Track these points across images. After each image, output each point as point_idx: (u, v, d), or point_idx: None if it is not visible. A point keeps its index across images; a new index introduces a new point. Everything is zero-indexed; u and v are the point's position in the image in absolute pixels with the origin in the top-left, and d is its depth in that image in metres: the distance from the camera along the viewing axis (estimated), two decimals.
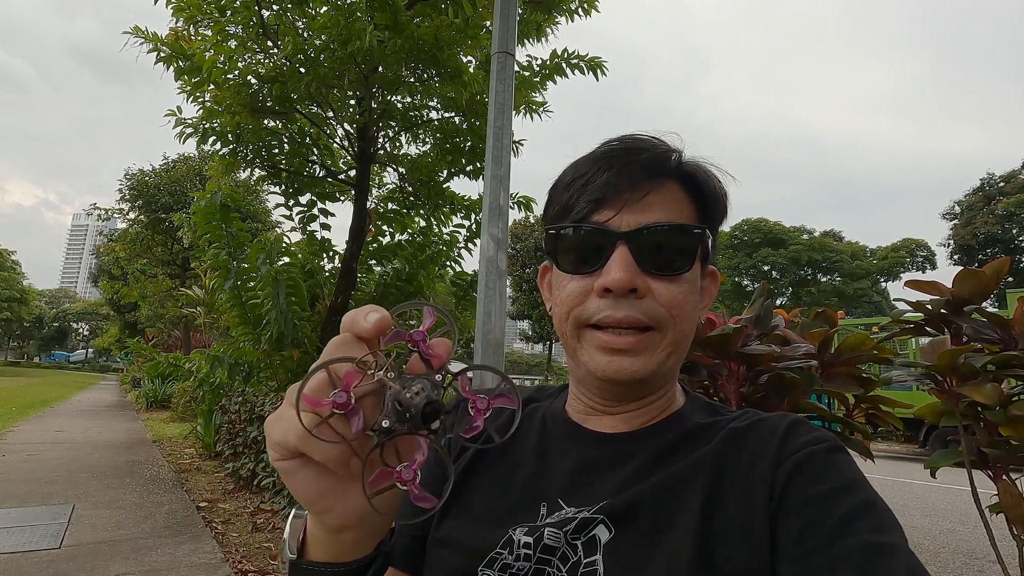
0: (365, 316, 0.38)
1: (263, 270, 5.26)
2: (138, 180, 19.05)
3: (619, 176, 0.58)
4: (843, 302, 31.26)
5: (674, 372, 0.63)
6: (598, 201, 0.58)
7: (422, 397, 0.35)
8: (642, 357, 0.57)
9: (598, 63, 5.41)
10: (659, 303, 0.56)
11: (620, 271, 0.55)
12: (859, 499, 0.48)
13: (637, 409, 0.63)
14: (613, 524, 0.54)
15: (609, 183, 0.58)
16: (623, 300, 0.56)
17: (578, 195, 0.60)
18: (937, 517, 5.98)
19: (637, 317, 0.56)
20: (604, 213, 0.58)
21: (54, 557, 3.44)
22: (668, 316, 0.57)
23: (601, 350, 0.58)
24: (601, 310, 0.57)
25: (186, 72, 5.05)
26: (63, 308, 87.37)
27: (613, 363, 0.57)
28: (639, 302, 0.56)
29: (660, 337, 0.57)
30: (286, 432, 0.38)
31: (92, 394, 21.11)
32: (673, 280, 0.57)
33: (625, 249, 0.56)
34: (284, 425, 0.38)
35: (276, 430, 0.39)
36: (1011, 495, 1.44)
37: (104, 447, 7.89)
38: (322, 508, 0.42)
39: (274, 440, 0.40)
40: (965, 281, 1.47)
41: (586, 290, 0.58)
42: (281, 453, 0.40)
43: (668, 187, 0.59)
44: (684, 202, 0.60)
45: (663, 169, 0.59)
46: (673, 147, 0.61)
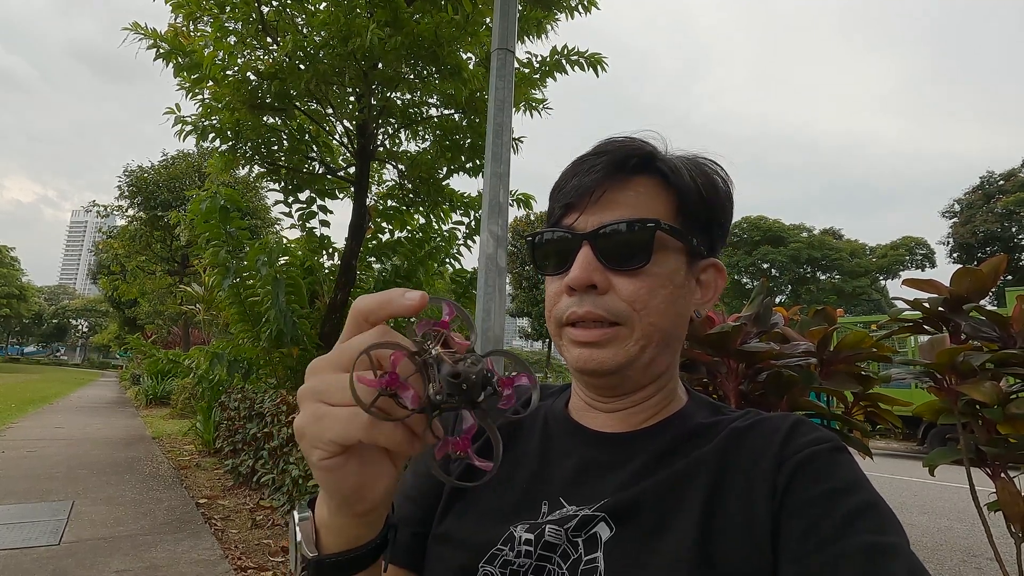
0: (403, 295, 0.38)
1: (263, 271, 5.26)
2: (137, 177, 19.03)
3: (583, 179, 0.61)
4: (842, 300, 31.30)
5: (662, 367, 0.63)
6: (568, 205, 0.62)
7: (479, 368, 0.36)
8: (609, 349, 0.58)
9: (598, 59, 5.40)
10: (621, 298, 0.58)
11: (577, 268, 0.58)
12: (861, 499, 0.48)
13: (632, 407, 0.63)
14: (614, 522, 0.55)
15: (576, 187, 0.61)
16: (585, 296, 0.58)
17: (554, 202, 0.64)
18: (935, 515, 6.00)
19: (596, 312, 0.58)
20: (572, 216, 0.62)
21: (53, 554, 3.45)
22: (630, 310, 0.58)
23: (574, 344, 0.60)
24: (568, 307, 0.60)
25: (185, 68, 5.04)
26: (62, 305, 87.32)
27: (583, 355, 0.59)
28: (600, 298, 0.58)
29: (627, 332, 0.58)
30: (346, 426, 0.36)
31: (91, 391, 21.11)
32: (634, 274, 0.58)
33: (588, 248, 0.59)
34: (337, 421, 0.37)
35: (330, 428, 0.37)
36: (1009, 493, 1.44)
37: (104, 444, 7.90)
38: (359, 496, 0.42)
39: (328, 438, 0.37)
40: (963, 279, 1.47)
41: (560, 290, 0.61)
42: (332, 450, 0.38)
43: (637, 185, 0.61)
44: (658, 198, 0.61)
45: (623, 167, 0.60)
46: (642, 144, 0.62)
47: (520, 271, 28.27)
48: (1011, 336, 1.43)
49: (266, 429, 4.86)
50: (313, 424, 0.38)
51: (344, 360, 0.38)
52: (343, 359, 0.38)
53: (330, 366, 0.38)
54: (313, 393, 0.38)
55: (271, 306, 5.30)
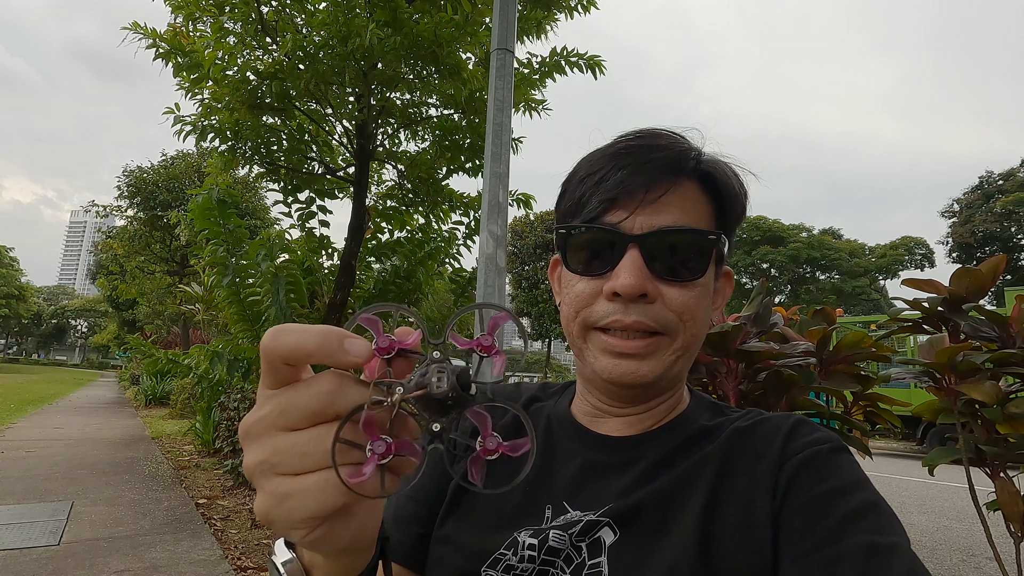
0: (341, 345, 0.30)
1: (263, 266, 5.24)
2: (137, 177, 19.01)
3: (634, 175, 0.55)
4: (842, 300, 31.29)
5: (682, 376, 0.62)
6: (611, 200, 0.56)
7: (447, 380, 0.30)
8: (649, 361, 0.56)
9: (596, 62, 5.40)
10: (669, 308, 0.55)
11: (631, 276, 0.53)
12: (861, 499, 0.48)
13: (644, 412, 0.62)
14: (618, 527, 0.54)
15: (623, 182, 0.55)
16: (633, 305, 0.54)
17: (591, 193, 0.57)
18: (934, 514, 6.00)
19: (646, 323, 0.54)
20: (617, 213, 0.56)
21: (53, 554, 3.44)
22: (678, 321, 0.55)
23: (607, 353, 0.56)
24: (610, 314, 0.55)
25: (185, 69, 5.04)
26: (61, 305, 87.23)
27: (620, 367, 0.56)
28: (649, 307, 0.55)
29: (669, 341, 0.56)
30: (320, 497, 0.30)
31: (91, 391, 21.09)
32: (685, 286, 0.55)
33: (636, 252, 0.54)
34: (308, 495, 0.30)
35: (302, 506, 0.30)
36: (1008, 492, 1.44)
37: (103, 444, 7.89)
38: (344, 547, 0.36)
39: (303, 518, 0.30)
40: (962, 279, 1.47)
41: (595, 292, 0.57)
42: (313, 525, 0.31)
43: (685, 187, 0.57)
44: (701, 202, 0.58)
45: (680, 168, 0.57)
46: (693, 145, 0.59)
47: (520, 271, 28.25)
48: (1010, 336, 1.44)
49: None
50: (279, 507, 0.30)
51: (290, 418, 0.30)
52: (288, 417, 0.30)
53: (272, 428, 0.31)
54: (267, 467, 0.31)
55: (271, 304, 5.29)
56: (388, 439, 0.30)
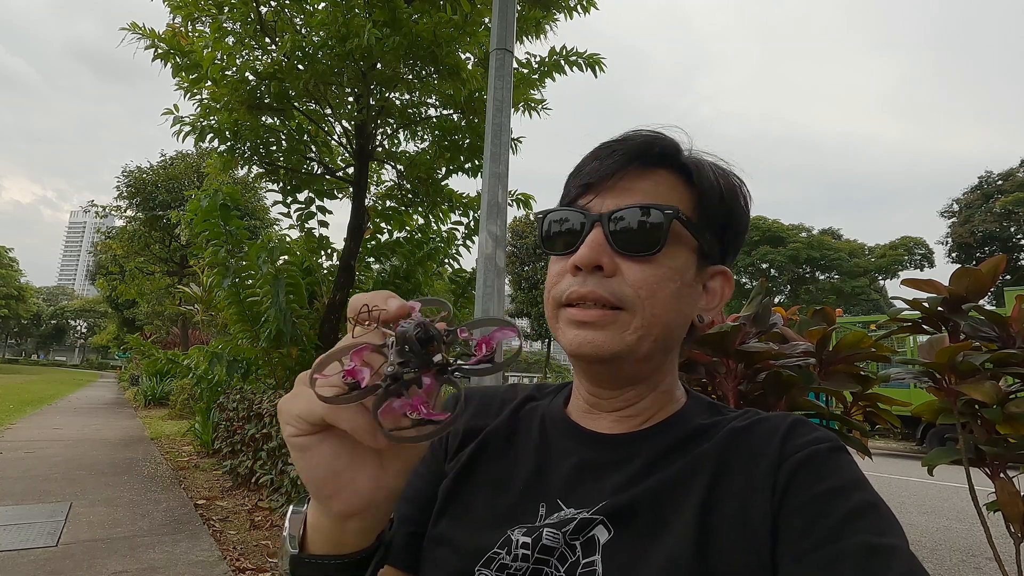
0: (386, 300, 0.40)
1: (264, 269, 5.25)
2: (136, 178, 19.01)
3: (603, 162, 0.60)
4: (841, 300, 31.31)
5: (658, 363, 0.62)
6: (584, 186, 0.61)
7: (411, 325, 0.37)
8: (607, 332, 0.56)
9: (596, 60, 5.40)
10: (627, 283, 0.57)
11: (586, 248, 0.57)
12: (860, 499, 0.48)
13: (629, 406, 0.62)
14: (612, 525, 0.54)
15: (595, 169, 0.60)
16: (590, 277, 0.57)
17: (571, 183, 0.63)
18: (934, 514, 6.00)
19: (601, 293, 0.56)
20: (587, 197, 0.61)
21: (51, 555, 3.44)
22: (635, 296, 0.56)
23: (571, 324, 0.58)
24: (570, 286, 0.58)
25: (184, 69, 5.04)
26: (61, 305, 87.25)
27: (579, 336, 0.57)
28: (606, 280, 0.57)
29: (628, 317, 0.56)
30: (309, 403, 0.39)
31: (90, 392, 21.09)
32: (645, 261, 0.57)
33: (599, 230, 0.57)
34: (304, 398, 0.39)
35: (298, 403, 0.40)
36: (1008, 493, 1.44)
37: (102, 445, 7.88)
38: (331, 491, 0.42)
39: (295, 413, 0.40)
40: (962, 279, 1.47)
41: (563, 270, 0.60)
42: (300, 427, 0.40)
43: (658, 176, 0.60)
44: (678, 193, 0.60)
45: (645, 156, 0.60)
46: (665, 138, 0.61)
47: (519, 271, 28.26)
48: (1010, 336, 1.43)
49: (265, 430, 4.85)
50: (288, 401, 0.41)
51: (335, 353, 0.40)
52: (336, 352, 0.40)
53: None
54: (301, 379, 0.41)
55: (271, 305, 5.29)
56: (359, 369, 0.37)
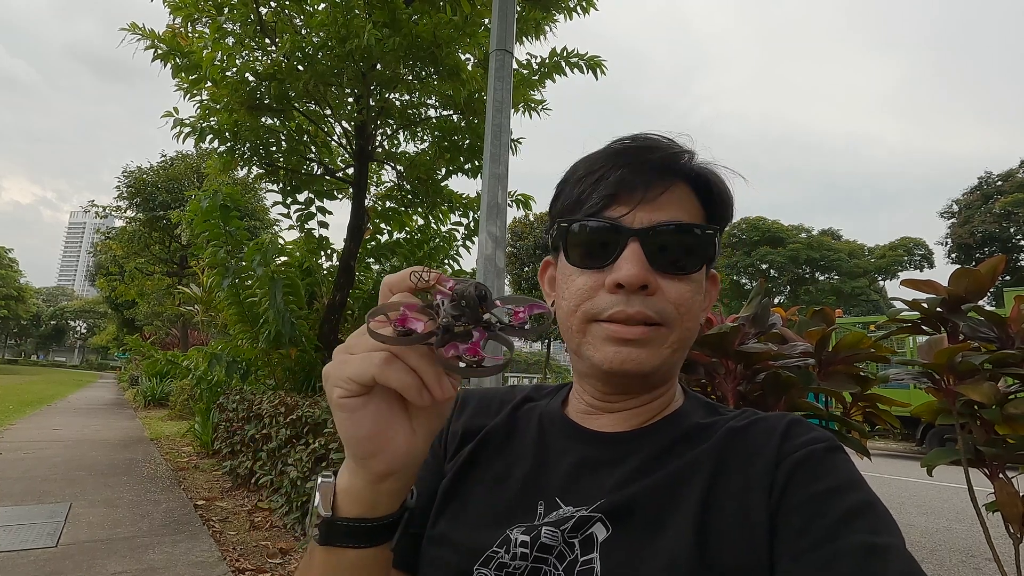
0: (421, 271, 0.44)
1: (259, 271, 5.25)
2: (136, 178, 19.00)
3: (633, 173, 0.58)
4: (841, 300, 31.30)
5: (675, 371, 0.64)
6: (612, 196, 0.58)
7: (471, 284, 0.41)
8: (648, 349, 0.57)
9: (597, 62, 5.41)
10: (668, 300, 0.57)
11: (633, 267, 0.55)
12: (857, 499, 0.48)
13: (638, 407, 0.63)
14: (611, 522, 0.54)
15: (624, 179, 0.58)
16: (634, 296, 0.56)
17: (591, 190, 0.60)
18: (934, 515, 6.00)
19: (648, 314, 0.56)
20: (617, 209, 0.58)
21: (51, 556, 3.44)
22: (676, 313, 0.57)
23: (609, 340, 0.57)
24: (613, 305, 0.57)
25: (183, 69, 5.04)
26: (60, 306, 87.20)
27: (621, 353, 0.57)
28: (649, 299, 0.56)
29: (667, 333, 0.57)
30: (360, 364, 0.42)
31: (90, 392, 21.08)
32: (682, 279, 0.58)
33: (638, 246, 0.56)
34: (358, 359, 0.43)
35: (350, 366, 0.43)
36: (1007, 493, 1.44)
37: (101, 445, 7.88)
38: (372, 450, 0.45)
39: (347, 375, 0.43)
40: (961, 280, 1.47)
41: (596, 285, 0.58)
42: (350, 388, 0.43)
43: (678, 187, 0.60)
44: (693, 203, 0.61)
45: (675, 169, 0.60)
46: (685, 148, 0.61)
47: (519, 272, 28.24)
48: (1009, 336, 1.43)
49: (264, 430, 4.85)
50: (336, 367, 0.44)
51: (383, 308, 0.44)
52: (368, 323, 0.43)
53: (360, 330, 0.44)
54: (342, 349, 0.45)
55: (269, 307, 5.29)
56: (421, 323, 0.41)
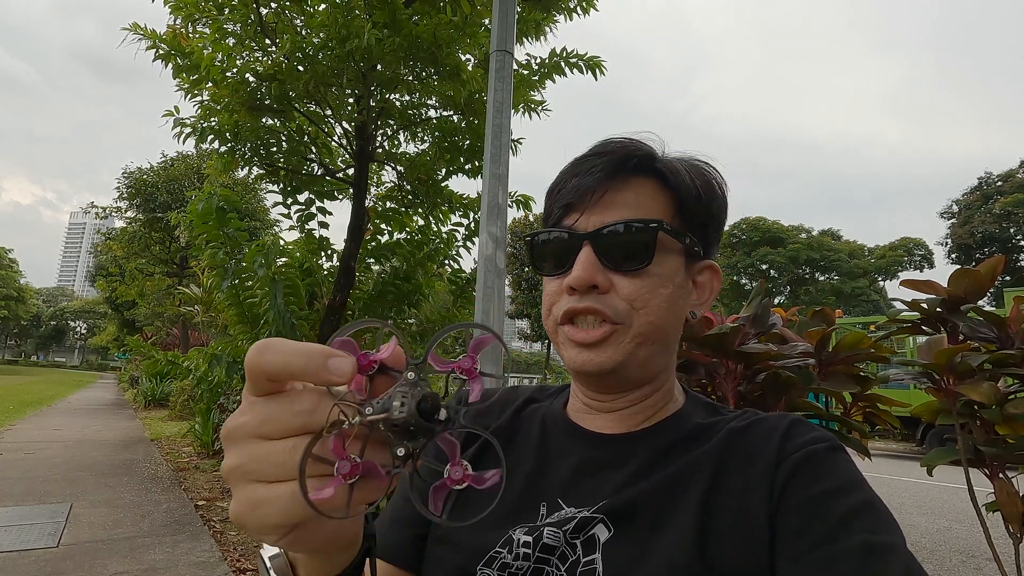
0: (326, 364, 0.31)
1: (260, 273, 5.24)
2: (136, 179, 19.00)
3: (583, 179, 0.61)
4: (841, 301, 31.30)
5: (658, 366, 0.63)
6: (567, 206, 0.62)
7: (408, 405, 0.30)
8: (607, 349, 0.59)
9: (597, 62, 5.41)
10: (620, 297, 0.58)
11: (580, 268, 0.58)
12: (858, 499, 0.49)
13: (630, 407, 0.63)
14: (612, 523, 0.55)
15: (576, 187, 0.61)
16: (586, 296, 0.59)
17: (554, 202, 0.64)
18: (934, 515, 6.00)
19: (598, 309, 0.58)
20: (572, 216, 0.62)
21: (51, 556, 3.44)
22: (630, 309, 0.58)
23: (571, 344, 0.60)
24: (567, 303, 0.60)
25: (184, 70, 5.04)
26: (60, 306, 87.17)
27: (581, 355, 0.59)
28: (602, 297, 0.58)
29: (625, 329, 0.58)
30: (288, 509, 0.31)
31: (90, 393, 21.08)
32: (635, 275, 0.59)
33: (589, 248, 0.59)
34: (278, 504, 0.31)
35: (272, 514, 0.31)
36: (1007, 493, 1.44)
37: (102, 446, 7.88)
38: (334, 546, 0.40)
39: (273, 524, 0.31)
40: (960, 280, 1.47)
41: (559, 290, 0.61)
42: (283, 533, 0.32)
43: (637, 185, 0.61)
44: (657, 199, 0.61)
45: (623, 168, 0.61)
46: (641, 145, 0.62)
47: (519, 272, 28.25)
48: (1009, 337, 1.44)
49: None
50: (251, 512, 0.32)
51: (270, 429, 0.32)
52: (268, 428, 0.32)
53: (252, 435, 0.32)
54: (243, 473, 0.32)
55: (269, 308, 5.29)
56: (356, 459, 0.31)
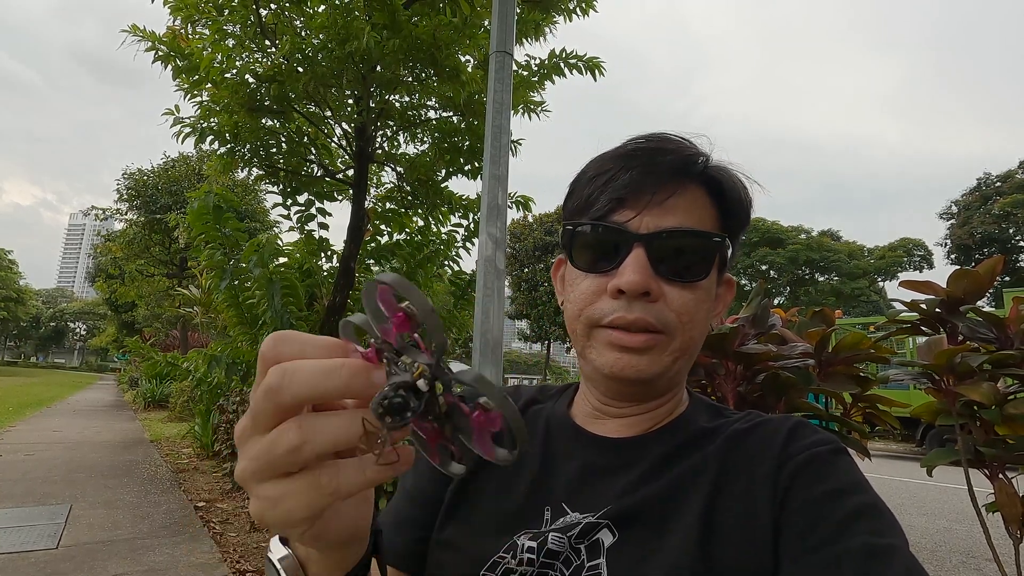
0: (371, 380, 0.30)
1: (255, 273, 5.24)
2: (136, 180, 18.98)
3: (643, 176, 0.57)
4: (841, 301, 31.29)
5: (680, 377, 0.63)
6: (619, 200, 0.57)
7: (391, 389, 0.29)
8: (648, 357, 0.56)
9: (596, 63, 5.41)
10: (670, 308, 0.56)
11: (635, 273, 0.54)
12: (861, 501, 0.49)
13: (643, 413, 0.63)
14: (617, 528, 0.54)
15: (632, 182, 0.57)
16: (635, 302, 0.55)
17: (600, 192, 0.58)
18: (934, 515, 6.00)
19: (648, 320, 0.55)
20: (624, 213, 0.57)
21: (51, 557, 3.43)
22: (678, 322, 0.56)
23: (610, 347, 0.57)
24: (614, 311, 0.56)
25: (184, 71, 5.04)
26: (60, 308, 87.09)
27: (621, 360, 0.56)
28: (651, 306, 0.55)
29: (668, 341, 0.56)
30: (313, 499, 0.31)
31: (89, 394, 21.07)
32: (687, 287, 0.56)
33: (642, 251, 0.55)
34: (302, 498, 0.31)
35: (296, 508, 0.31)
36: (1007, 494, 1.44)
37: (102, 447, 7.87)
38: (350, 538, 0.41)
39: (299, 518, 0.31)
40: (959, 281, 1.48)
41: (599, 289, 0.57)
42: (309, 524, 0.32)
43: (691, 191, 0.58)
44: (707, 207, 0.59)
45: (688, 172, 0.58)
46: (701, 150, 0.60)
47: (519, 273, 28.24)
48: (1008, 337, 1.44)
49: None
50: (273, 510, 0.31)
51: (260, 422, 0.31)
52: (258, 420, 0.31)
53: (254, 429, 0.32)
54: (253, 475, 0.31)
55: (267, 309, 5.29)
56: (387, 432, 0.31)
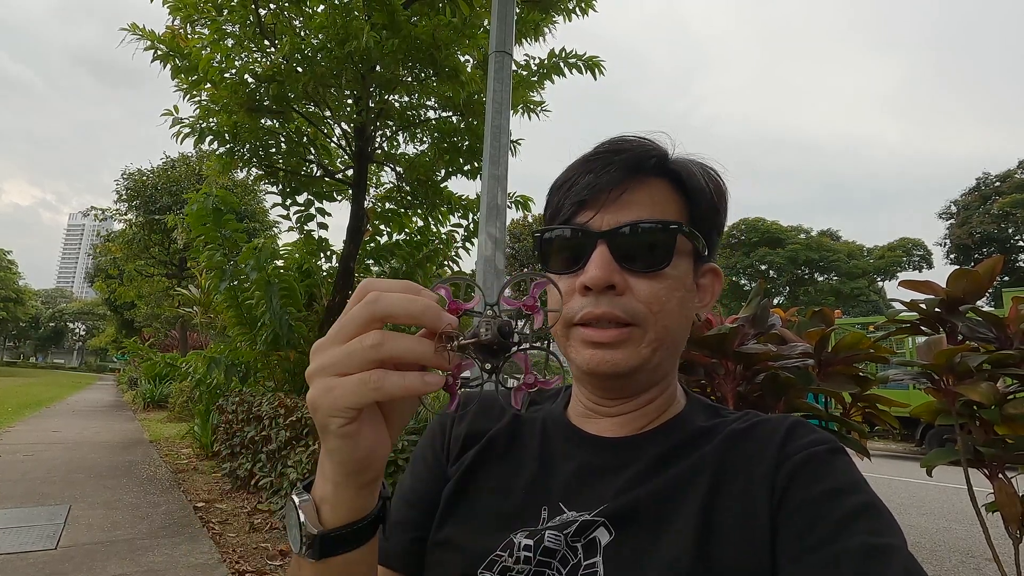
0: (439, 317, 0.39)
1: (253, 275, 5.24)
2: (136, 180, 18.97)
3: (599, 177, 0.59)
4: (840, 301, 31.32)
5: (666, 370, 0.63)
6: (581, 203, 0.60)
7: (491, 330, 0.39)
8: (623, 350, 0.57)
9: (595, 62, 5.42)
10: (638, 299, 0.57)
11: (597, 268, 0.57)
12: (859, 500, 0.49)
13: (634, 411, 0.63)
14: (614, 527, 0.55)
15: (590, 184, 0.59)
16: (602, 297, 0.57)
17: (564, 198, 0.62)
18: (933, 515, 6.00)
19: (616, 313, 0.57)
20: (586, 214, 0.60)
21: (50, 558, 3.43)
22: (647, 312, 0.57)
23: (585, 344, 0.59)
24: (583, 307, 0.58)
25: (183, 71, 5.04)
26: (59, 308, 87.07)
27: (596, 356, 0.58)
28: (618, 299, 0.57)
29: (641, 332, 0.58)
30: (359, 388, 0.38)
31: (89, 394, 21.06)
32: (652, 277, 0.58)
33: (604, 248, 0.57)
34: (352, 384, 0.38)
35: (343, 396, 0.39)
36: (1006, 494, 1.44)
37: (101, 447, 7.87)
38: (368, 463, 0.44)
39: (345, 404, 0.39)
40: (959, 280, 1.48)
41: (571, 289, 0.59)
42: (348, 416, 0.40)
43: (652, 185, 0.60)
44: (670, 200, 0.61)
45: (642, 167, 0.60)
46: (657, 146, 0.62)
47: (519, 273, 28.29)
48: (1007, 337, 1.44)
49: (264, 432, 4.84)
50: (325, 395, 0.40)
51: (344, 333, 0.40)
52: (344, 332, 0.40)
53: (333, 342, 0.40)
54: (321, 369, 0.40)
55: (266, 310, 5.29)
56: None
